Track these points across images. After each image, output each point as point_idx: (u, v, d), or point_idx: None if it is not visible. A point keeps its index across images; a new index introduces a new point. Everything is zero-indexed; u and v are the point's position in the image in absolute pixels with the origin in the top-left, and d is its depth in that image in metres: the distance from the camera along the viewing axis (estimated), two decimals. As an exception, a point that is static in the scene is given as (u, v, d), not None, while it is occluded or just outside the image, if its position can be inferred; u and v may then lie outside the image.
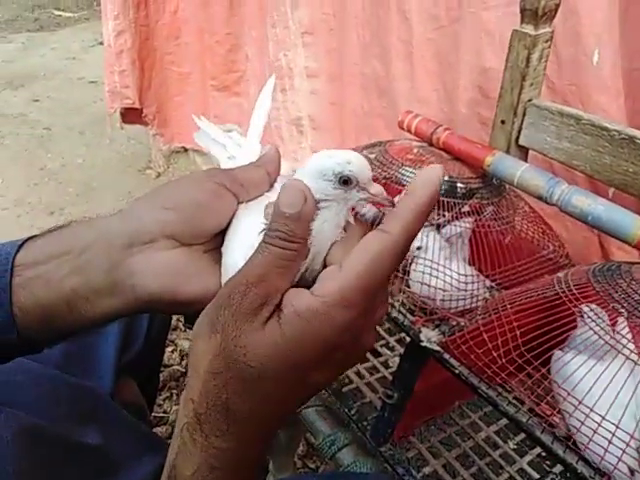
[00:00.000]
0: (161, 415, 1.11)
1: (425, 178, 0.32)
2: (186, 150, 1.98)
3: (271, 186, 0.40)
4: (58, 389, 0.59)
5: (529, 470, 0.72)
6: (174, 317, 1.19)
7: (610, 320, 0.59)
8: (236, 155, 0.45)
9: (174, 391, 1.17)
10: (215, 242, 0.39)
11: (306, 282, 0.34)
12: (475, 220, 0.78)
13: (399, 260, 0.31)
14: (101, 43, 3.33)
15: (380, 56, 1.25)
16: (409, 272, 0.74)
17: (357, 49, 1.32)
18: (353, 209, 0.36)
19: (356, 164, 0.34)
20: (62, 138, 2.28)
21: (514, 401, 0.57)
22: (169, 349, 1.22)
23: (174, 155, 2.01)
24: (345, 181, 0.34)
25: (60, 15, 3.86)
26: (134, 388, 0.71)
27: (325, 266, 0.35)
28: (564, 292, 0.60)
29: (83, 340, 0.64)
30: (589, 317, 0.60)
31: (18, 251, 0.37)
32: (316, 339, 0.30)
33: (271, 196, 0.39)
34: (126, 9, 1.66)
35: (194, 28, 1.72)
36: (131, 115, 1.84)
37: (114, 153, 2.18)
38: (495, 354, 0.57)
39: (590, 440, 0.50)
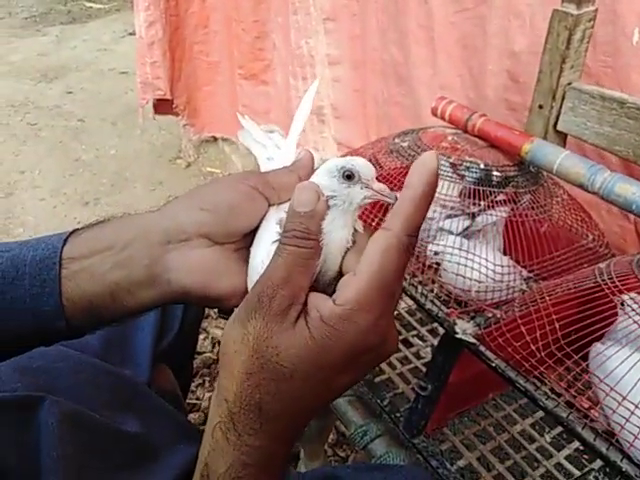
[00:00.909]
0: (194, 402, 1.13)
1: (419, 167, 0.32)
2: (215, 139, 1.99)
3: None
4: (98, 377, 0.60)
5: (567, 465, 0.71)
6: (206, 306, 1.21)
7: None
8: (274, 157, 0.47)
9: (206, 378, 1.19)
10: (245, 241, 0.41)
11: (319, 283, 0.36)
12: (511, 209, 0.76)
13: (407, 253, 0.32)
14: (131, 34, 3.38)
15: (398, 42, 1.21)
16: (441, 264, 0.72)
17: (376, 35, 1.28)
18: (360, 217, 0.38)
19: (359, 162, 0.36)
20: (95, 129, 2.33)
21: (553, 395, 0.55)
22: (201, 337, 1.24)
23: (204, 145, 2.02)
24: (348, 175, 0.36)
25: (91, 7, 3.91)
26: (170, 376, 0.72)
27: (341, 273, 0.36)
28: (606, 283, 0.58)
29: (121, 330, 0.66)
30: (630, 307, 0.58)
31: (64, 244, 0.39)
32: (343, 344, 0.32)
33: None
34: (157, 0, 1.66)
35: (222, 16, 1.72)
36: (163, 106, 1.85)
37: (145, 143, 2.21)
38: (533, 347, 0.56)
39: (635, 438, 0.49)
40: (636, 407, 0.49)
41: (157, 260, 0.38)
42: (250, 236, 0.41)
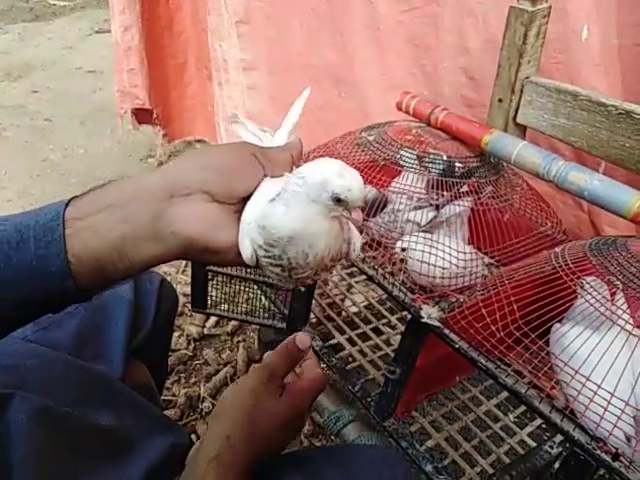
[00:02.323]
0: (170, 398, 1.13)
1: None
2: (189, 143, 1.98)
3: (292, 169, 0.44)
4: (69, 373, 0.60)
5: (529, 441, 0.74)
6: (180, 303, 1.21)
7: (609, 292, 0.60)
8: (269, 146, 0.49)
9: (182, 375, 1.19)
10: (242, 205, 0.43)
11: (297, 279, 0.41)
12: (474, 199, 0.79)
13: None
14: (97, 32, 3.32)
15: (333, 44, 1.17)
16: (407, 252, 0.75)
17: (301, 38, 1.23)
18: None
19: (355, 193, 0.38)
20: (63, 129, 2.28)
21: (513, 373, 0.58)
22: (176, 334, 1.24)
23: (177, 144, 2.00)
24: (339, 200, 0.38)
25: (55, 4, 3.83)
26: (144, 371, 0.72)
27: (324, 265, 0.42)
28: (561, 266, 0.62)
29: (94, 325, 0.66)
30: (588, 289, 0.61)
31: (66, 207, 0.39)
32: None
33: (290, 176, 0.42)
34: (132, 2, 1.56)
35: (186, 15, 1.66)
36: (143, 115, 1.77)
37: (115, 142, 2.18)
38: (494, 328, 0.59)
39: (587, 408, 0.52)
40: (587, 379, 0.52)
41: (161, 214, 0.39)
42: (245, 201, 0.43)
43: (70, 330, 0.65)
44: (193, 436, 1.03)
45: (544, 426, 0.76)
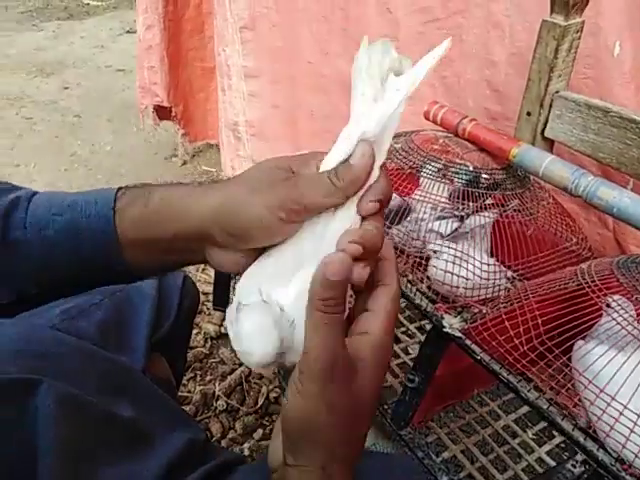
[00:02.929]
0: (185, 394, 1.15)
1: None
2: (210, 145, 2.00)
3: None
4: (93, 363, 0.61)
5: (548, 459, 0.73)
6: (200, 301, 1.22)
7: (636, 312, 0.60)
8: (376, 100, 0.39)
9: (198, 372, 1.20)
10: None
11: None
12: (499, 212, 0.79)
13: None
14: (128, 32, 3.38)
15: (347, 54, 1.14)
16: (431, 260, 0.75)
17: (309, 47, 1.20)
18: None
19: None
20: (91, 125, 2.33)
21: (534, 389, 0.58)
22: (194, 331, 1.26)
23: (199, 145, 2.03)
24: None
25: (88, 3, 3.92)
26: (164, 365, 0.73)
27: None
28: (587, 283, 0.61)
29: (118, 317, 0.67)
30: (615, 308, 0.60)
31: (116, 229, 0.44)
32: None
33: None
34: (154, 2, 1.61)
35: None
36: (163, 112, 1.81)
37: (141, 141, 2.22)
38: (517, 341, 0.58)
39: (611, 428, 0.51)
40: (612, 399, 0.52)
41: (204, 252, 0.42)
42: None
43: (95, 321, 0.67)
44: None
45: (563, 445, 0.75)
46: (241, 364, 1.21)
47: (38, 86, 2.66)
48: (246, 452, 1.02)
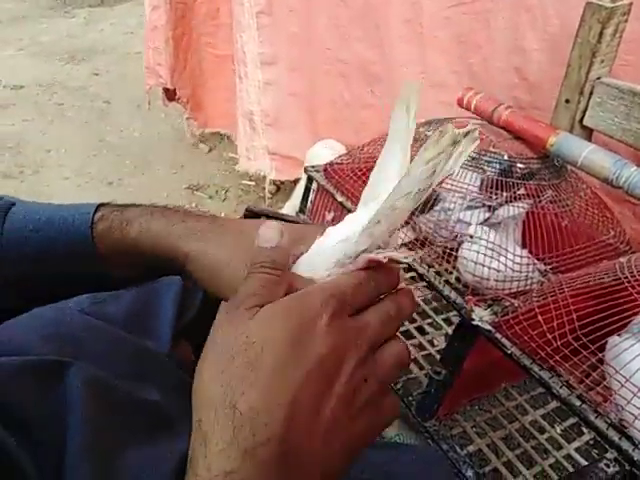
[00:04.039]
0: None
1: None
2: (221, 135, 2.00)
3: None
4: (120, 347, 0.62)
5: (576, 456, 0.71)
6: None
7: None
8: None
9: (222, 358, 1.21)
10: None
11: None
12: (533, 202, 0.76)
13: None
14: (157, 18, 3.40)
15: (367, 39, 1.11)
16: (461, 250, 0.73)
17: (328, 32, 1.16)
18: None
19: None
20: (120, 111, 2.36)
21: (567, 384, 0.56)
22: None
23: (207, 132, 2.02)
24: None
25: (119, -9, 3.94)
26: (189, 351, 0.74)
27: None
28: (627, 278, 0.59)
29: (144, 302, 0.68)
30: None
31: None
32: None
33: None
34: None
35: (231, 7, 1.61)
36: (172, 93, 1.80)
37: (169, 127, 2.23)
38: (550, 336, 0.56)
39: (647, 428, 0.49)
40: (650, 398, 0.50)
41: None
42: None
43: (123, 306, 0.67)
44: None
45: (592, 442, 0.73)
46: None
47: (69, 73, 2.69)
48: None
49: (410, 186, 0.30)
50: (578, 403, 0.54)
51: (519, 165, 0.73)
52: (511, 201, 0.78)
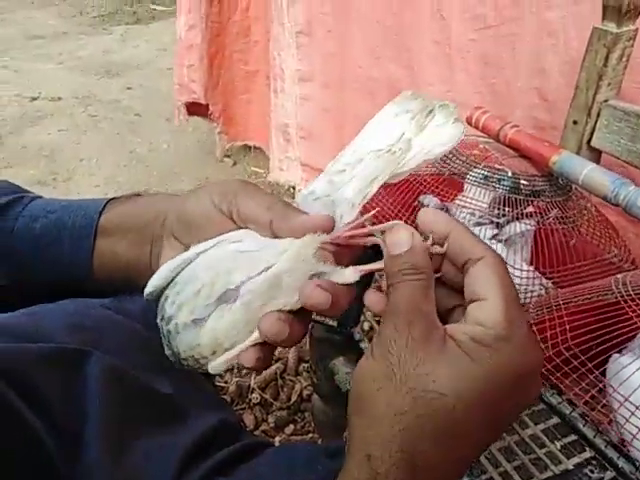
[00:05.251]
0: (221, 384, 1.19)
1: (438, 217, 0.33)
2: (249, 148, 2.06)
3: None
4: (138, 340, 0.66)
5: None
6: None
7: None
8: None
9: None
10: None
11: None
12: (539, 220, 0.78)
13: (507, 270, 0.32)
14: (190, 36, 3.53)
15: (398, 59, 1.17)
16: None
17: (362, 52, 1.23)
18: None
19: None
20: (150, 124, 2.45)
21: (566, 401, 0.57)
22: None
23: (236, 145, 2.09)
24: None
25: (155, 9, 4.11)
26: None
27: None
28: (622, 295, 0.60)
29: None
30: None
31: (100, 217, 0.45)
32: (508, 363, 0.29)
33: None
34: (198, 4, 1.67)
35: (263, 26, 1.71)
36: (195, 108, 1.88)
37: (195, 141, 2.31)
38: (550, 353, 0.58)
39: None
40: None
41: (156, 251, 0.42)
42: None
43: (141, 304, 0.71)
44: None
45: (594, 461, 0.73)
46: (277, 360, 1.24)
47: (104, 86, 2.82)
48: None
49: (378, 138, 0.33)
50: (580, 422, 0.55)
51: (523, 182, 0.75)
52: (518, 218, 0.81)
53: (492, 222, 0.83)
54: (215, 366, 0.35)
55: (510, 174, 0.75)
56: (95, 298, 0.48)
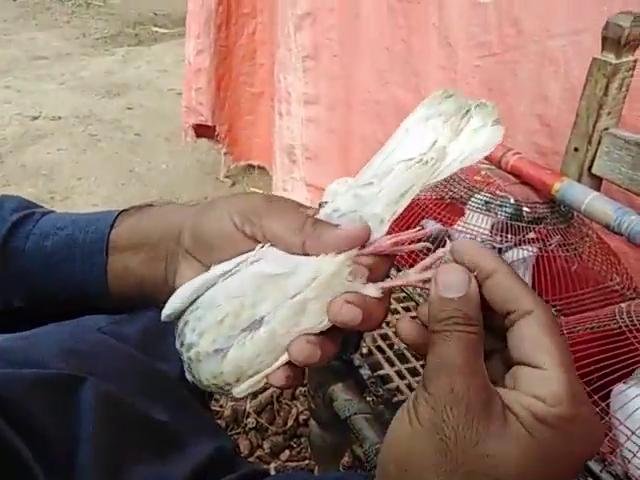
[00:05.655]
0: (217, 409, 1.17)
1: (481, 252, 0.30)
2: (253, 167, 2.08)
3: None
4: (134, 366, 0.64)
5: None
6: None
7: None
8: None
9: (231, 388, 1.23)
10: None
11: None
12: (540, 247, 0.78)
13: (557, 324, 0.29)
14: (191, 58, 3.57)
15: (406, 85, 1.20)
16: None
17: (370, 76, 1.26)
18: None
19: None
20: (150, 144, 2.46)
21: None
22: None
23: (240, 165, 2.10)
24: None
25: (157, 31, 4.17)
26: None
27: None
28: (626, 324, 0.59)
29: (159, 325, 0.70)
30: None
31: (111, 230, 0.44)
32: (574, 447, 0.26)
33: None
34: (207, 29, 1.71)
35: (269, 50, 1.75)
36: (203, 129, 1.91)
37: (195, 161, 2.32)
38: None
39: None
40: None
41: (173, 269, 0.40)
42: None
43: (139, 327, 0.70)
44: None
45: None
46: (274, 383, 1.22)
47: (104, 106, 2.84)
48: (272, 472, 1.03)
49: (409, 147, 0.30)
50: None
51: (525, 209, 0.75)
52: (519, 244, 0.80)
53: (494, 247, 0.82)
54: (239, 392, 0.34)
55: (512, 201, 0.75)
56: (110, 314, 0.47)
